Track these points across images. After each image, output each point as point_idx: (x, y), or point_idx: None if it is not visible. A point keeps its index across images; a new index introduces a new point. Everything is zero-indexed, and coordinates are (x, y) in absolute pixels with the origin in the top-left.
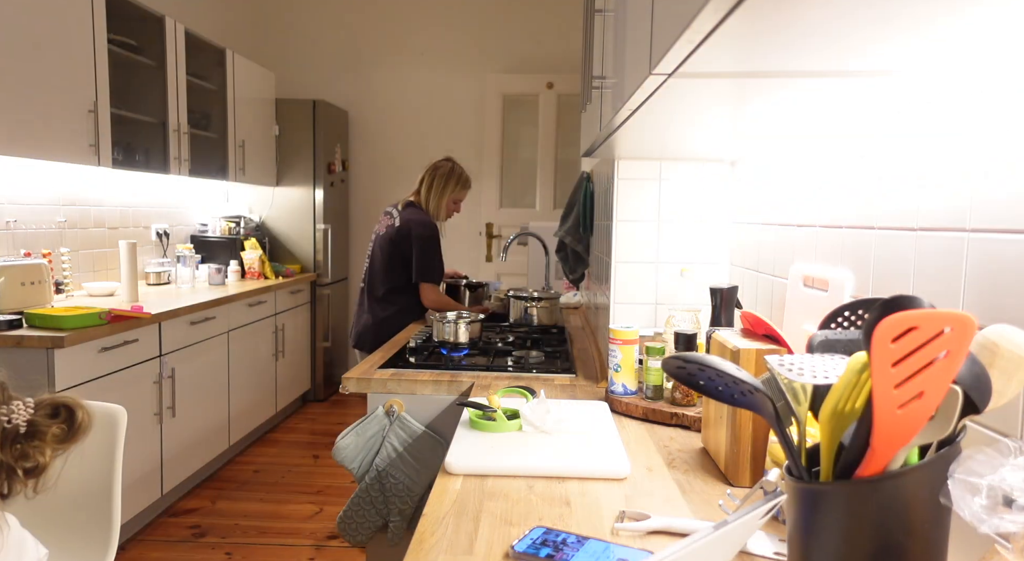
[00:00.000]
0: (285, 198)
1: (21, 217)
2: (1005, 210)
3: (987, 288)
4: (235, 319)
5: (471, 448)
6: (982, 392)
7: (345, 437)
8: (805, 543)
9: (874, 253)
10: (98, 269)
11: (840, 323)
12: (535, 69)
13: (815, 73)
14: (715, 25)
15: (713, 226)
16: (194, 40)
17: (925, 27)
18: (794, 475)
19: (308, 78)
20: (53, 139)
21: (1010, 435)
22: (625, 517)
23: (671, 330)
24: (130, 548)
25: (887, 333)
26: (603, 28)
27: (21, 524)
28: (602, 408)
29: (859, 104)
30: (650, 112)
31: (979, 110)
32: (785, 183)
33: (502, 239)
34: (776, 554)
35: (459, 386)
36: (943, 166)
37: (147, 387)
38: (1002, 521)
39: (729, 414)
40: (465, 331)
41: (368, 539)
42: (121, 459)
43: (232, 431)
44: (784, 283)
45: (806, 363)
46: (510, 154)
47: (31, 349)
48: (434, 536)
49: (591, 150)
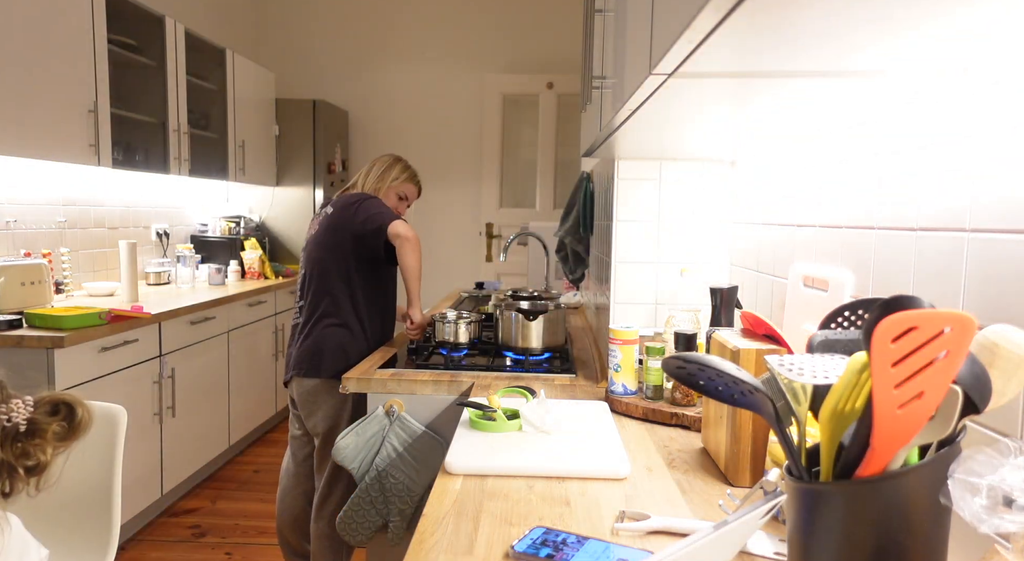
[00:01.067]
0: (285, 198)
1: (21, 217)
2: (1005, 210)
3: (987, 288)
4: (235, 319)
5: (471, 448)
6: (982, 392)
7: (345, 437)
8: (805, 543)
9: (874, 253)
10: (98, 269)
11: (840, 323)
12: (535, 69)
13: (815, 73)
14: (715, 25)
15: (713, 226)
16: (194, 40)
17: (925, 27)
18: (794, 475)
19: (308, 78)
20: (53, 139)
21: (1010, 435)
22: (625, 517)
23: (671, 330)
24: (130, 548)
25: (887, 333)
26: (603, 28)
27: (23, 525)
28: (602, 408)
29: (859, 104)
30: (650, 112)
31: (979, 110)
32: (785, 183)
33: (502, 239)
34: (776, 554)
35: (459, 386)
36: (943, 166)
37: (147, 387)
38: (1002, 521)
39: (729, 414)
40: (465, 331)
41: (368, 539)
42: (121, 459)
43: (232, 431)
44: (784, 283)
45: (806, 363)
46: (510, 154)
47: (31, 349)
48: (434, 536)
49: (591, 150)
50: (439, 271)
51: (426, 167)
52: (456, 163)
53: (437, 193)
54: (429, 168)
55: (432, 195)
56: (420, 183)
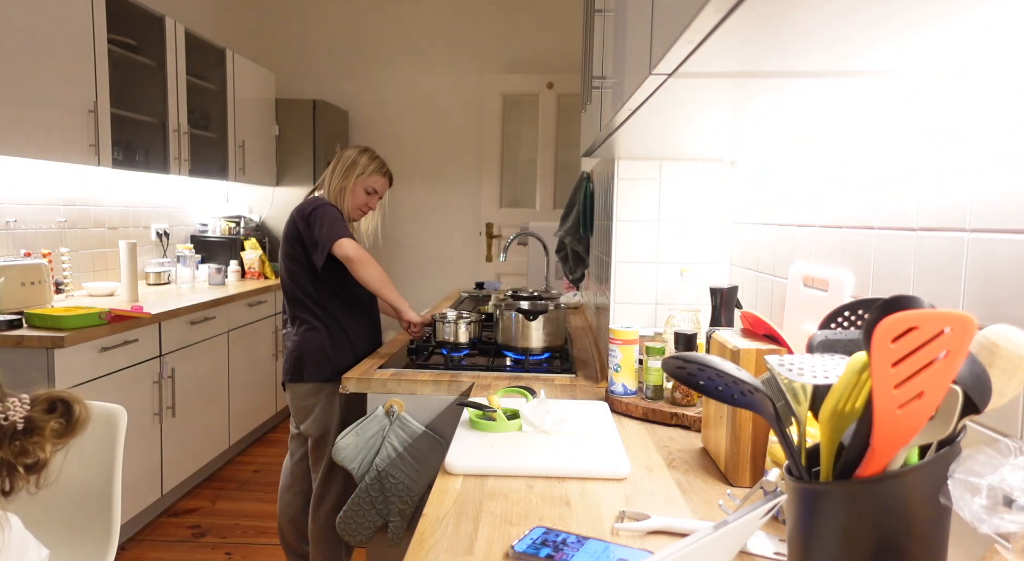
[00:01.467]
0: (285, 198)
1: (21, 217)
2: (1005, 210)
3: (987, 288)
4: (235, 319)
5: (471, 448)
6: (982, 392)
7: (345, 437)
8: (805, 543)
9: (874, 253)
10: (98, 269)
11: (840, 323)
12: (535, 69)
13: (814, 73)
14: (715, 25)
15: (713, 226)
16: (194, 40)
17: (925, 27)
18: (794, 475)
19: (308, 78)
20: (53, 139)
21: (1010, 435)
22: (625, 517)
23: (671, 330)
24: (130, 548)
25: (887, 333)
26: (603, 28)
27: (23, 524)
28: (602, 408)
29: (859, 104)
30: (650, 112)
31: (979, 109)
32: (785, 183)
33: (502, 239)
34: (776, 554)
35: (459, 386)
36: (943, 166)
37: (147, 387)
38: (1002, 521)
39: (729, 414)
40: (465, 331)
41: (368, 539)
42: (121, 459)
43: (232, 431)
44: (784, 283)
45: (806, 363)
46: (510, 154)
47: (31, 349)
48: (434, 536)
49: (591, 150)
50: (439, 271)
51: (426, 167)
52: (456, 163)
53: (437, 193)
54: (429, 168)
55: (432, 195)
56: (390, 173)
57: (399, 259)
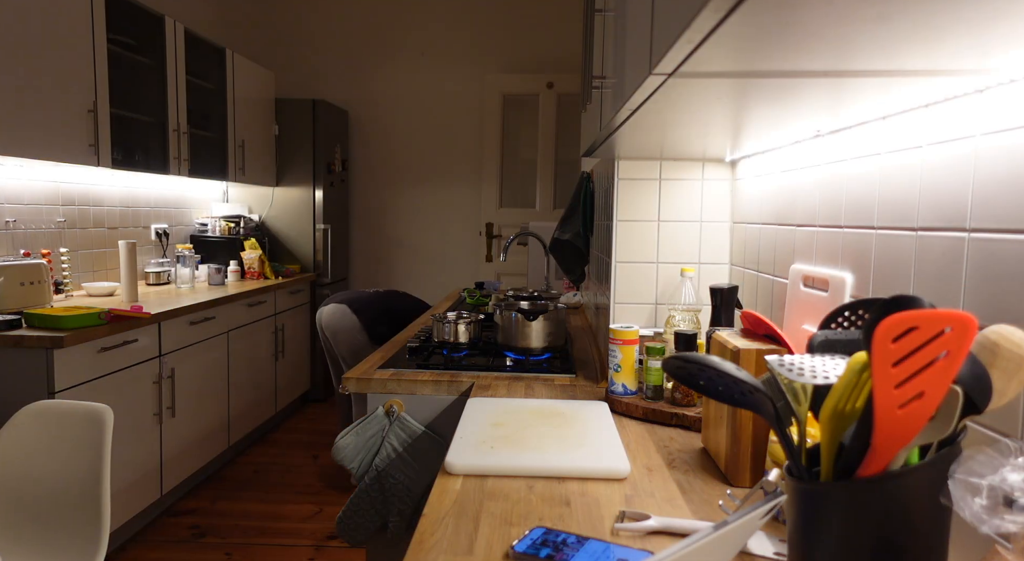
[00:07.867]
0: (285, 198)
1: (21, 217)
2: (1005, 210)
3: (987, 288)
4: (235, 319)
5: (471, 448)
6: (982, 392)
7: (345, 437)
8: (805, 543)
9: (874, 253)
10: (98, 269)
11: (840, 323)
12: (535, 69)
13: (815, 73)
14: (715, 25)
15: (713, 226)
16: (194, 40)
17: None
18: (794, 475)
19: (308, 78)
20: (53, 139)
21: (1010, 435)
22: (625, 517)
23: (671, 330)
24: (130, 548)
25: (887, 333)
26: (603, 28)
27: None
28: (602, 408)
29: (858, 104)
30: (650, 112)
31: (980, 110)
32: (785, 183)
33: (502, 239)
34: (776, 554)
35: (459, 386)
36: (943, 166)
37: (147, 387)
38: (1002, 521)
39: (729, 414)
40: (465, 331)
41: (368, 539)
42: (109, 458)
43: (232, 431)
44: (784, 283)
45: (806, 363)
46: (510, 154)
47: (30, 349)
48: (434, 536)
49: (591, 150)
50: (439, 271)
51: (426, 167)
52: (456, 163)
53: (437, 193)
54: (429, 168)
55: (432, 195)
56: None
57: (399, 259)
